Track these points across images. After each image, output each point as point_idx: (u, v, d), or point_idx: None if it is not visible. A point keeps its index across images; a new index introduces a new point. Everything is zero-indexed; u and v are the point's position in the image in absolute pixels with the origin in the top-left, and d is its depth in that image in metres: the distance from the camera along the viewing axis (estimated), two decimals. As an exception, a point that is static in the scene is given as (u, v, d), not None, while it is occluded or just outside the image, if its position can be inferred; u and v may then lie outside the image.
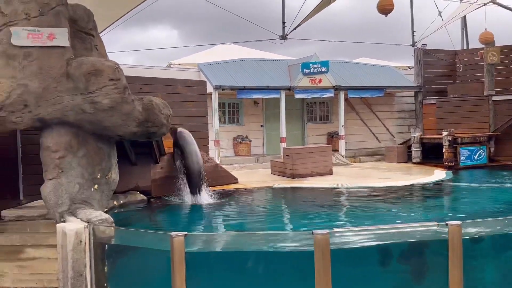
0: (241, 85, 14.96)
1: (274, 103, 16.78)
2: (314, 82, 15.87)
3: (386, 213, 8.30)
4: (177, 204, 9.53)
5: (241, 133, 16.70)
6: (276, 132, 16.52)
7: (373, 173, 13.58)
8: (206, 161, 11.22)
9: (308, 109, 18.15)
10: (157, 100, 7.40)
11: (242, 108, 16.89)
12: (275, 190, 11.12)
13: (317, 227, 6.93)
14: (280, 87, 15.49)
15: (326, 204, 9.39)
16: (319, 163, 13.11)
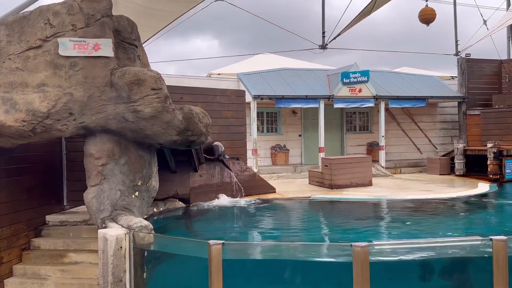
0: (280, 95, 14.96)
1: (312, 113, 16.67)
2: (354, 91, 15.69)
3: (427, 226, 8.07)
4: (216, 211, 9.58)
5: (279, 142, 16.68)
6: (314, 142, 16.41)
7: (414, 185, 13.26)
8: (244, 170, 11.25)
9: (347, 119, 17.94)
10: (197, 109, 7.47)
11: (280, 117, 16.87)
12: (313, 201, 11.00)
13: (356, 239, 6.80)
14: (319, 97, 15.40)
15: (366, 216, 9.21)
16: (359, 174, 12.91)
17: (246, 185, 11.17)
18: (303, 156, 17.09)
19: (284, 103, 15.06)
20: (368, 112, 18.12)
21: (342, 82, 15.53)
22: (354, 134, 17.90)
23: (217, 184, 10.64)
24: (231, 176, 10.89)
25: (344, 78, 15.51)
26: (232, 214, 9.38)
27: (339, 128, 17.80)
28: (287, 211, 9.97)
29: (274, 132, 16.83)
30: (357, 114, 18.07)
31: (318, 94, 15.46)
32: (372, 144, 17.65)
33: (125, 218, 6.43)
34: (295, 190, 12.32)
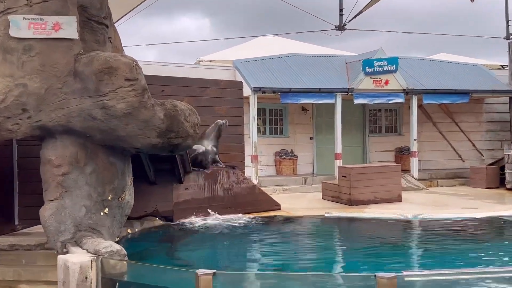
0: (286, 87, 14.96)
1: (327, 110, 16.68)
2: (379, 83, 15.70)
3: (470, 253, 8.03)
4: (206, 233, 9.57)
5: (285, 147, 16.68)
6: (329, 147, 16.41)
7: (454, 201, 13.22)
8: (241, 182, 11.26)
9: (371, 118, 17.94)
10: (183, 105, 7.47)
11: (287, 115, 16.89)
12: (328, 220, 10.97)
13: (381, 268, 6.77)
14: (335, 90, 15.40)
15: (393, 240, 9.19)
16: (385, 187, 12.90)
17: (244, 200, 11.15)
18: (315, 164, 17.09)
19: (291, 98, 15.07)
20: (396, 110, 18.10)
21: (364, 72, 15.54)
22: (379, 137, 17.89)
23: (208, 199, 10.64)
24: (225, 189, 10.90)
25: (367, 66, 15.53)
26: (225, 236, 9.35)
27: (361, 130, 17.80)
28: (294, 233, 9.94)
29: (279, 134, 16.84)
30: (383, 111, 18.06)
31: (334, 87, 15.45)
32: (401, 149, 17.64)
33: (91, 241, 6.42)
34: (305, 207, 12.29)
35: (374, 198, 12.71)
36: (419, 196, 14.20)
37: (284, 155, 16.48)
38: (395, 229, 10.17)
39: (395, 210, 11.82)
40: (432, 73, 17.40)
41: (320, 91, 15.27)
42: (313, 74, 16.00)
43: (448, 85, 16.77)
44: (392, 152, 17.84)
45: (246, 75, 15.09)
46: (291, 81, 15.35)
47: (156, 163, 9.40)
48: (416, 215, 11.11)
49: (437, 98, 16.52)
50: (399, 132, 18.12)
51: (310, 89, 15.20)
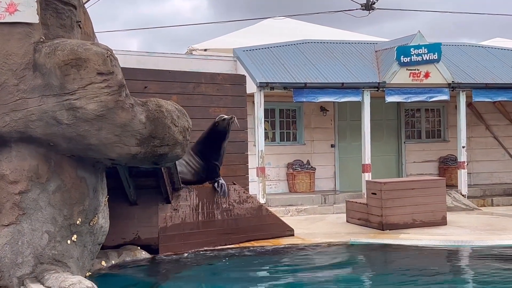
0: (301, 82, 14.97)
1: (352, 111, 16.68)
2: (418, 77, 15.69)
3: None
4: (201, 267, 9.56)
5: (300, 157, 16.68)
6: (355, 156, 16.39)
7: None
8: (244, 201, 11.24)
9: (407, 120, 17.92)
10: (170, 105, 7.48)
11: (302, 117, 16.89)
12: (354, 249, 10.93)
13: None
14: (362, 85, 15.40)
15: (440, 274, 9.15)
16: (426, 207, 12.85)
17: (248, 224, 11.14)
18: (337, 178, 17.06)
19: (307, 96, 15.06)
20: (440, 109, 18.10)
21: (398, 62, 15.54)
22: (418, 143, 17.88)
23: (202, 223, 10.62)
24: (224, 210, 10.90)
25: (402, 55, 15.53)
26: (225, 272, 9.34)
27: (395, 135, 17.79)
28: (312, 266, 9.88)
29: (292, 140, 16.84)
30: (422, 112, 18.04)
31: (360, 81, 15.45)
32: (446, 159, 17.62)
33: (55, 277, 6.41)
34: (324, 233, 12.26)
35: (412, 221, 12.65)
36: (470, 218, 14.13)
37: (298, 167, 16.46)
38: (440, 260, 10.09)
39: (440, 235, 11.77)
40: (484, 63, 17.39)
41: (343, 86, 15.26)
42: (334, 66, 16.00)
43: (505, 78, 16.74)
44: (435, 163, 17.83)
45: (250, 67, 15.11)
46: (306, 75, 15.34)
47: (137, 178, 9.37)
48: (466, 242, 11.05)
49: (491, 95, 16.47)
50: (444, 137, 18.10)
51: (331, 84, 15.19)
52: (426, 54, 15.61)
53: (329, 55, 16.54)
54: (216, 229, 10.78)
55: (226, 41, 19.39)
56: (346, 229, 12.76)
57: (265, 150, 14.92)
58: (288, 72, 15.34)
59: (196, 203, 10.62)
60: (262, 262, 9.90)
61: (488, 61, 17.54)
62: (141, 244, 9.94)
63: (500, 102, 17.36)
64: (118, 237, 9.65)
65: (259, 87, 14.62)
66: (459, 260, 10.26)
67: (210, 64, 15.13)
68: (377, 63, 16.31)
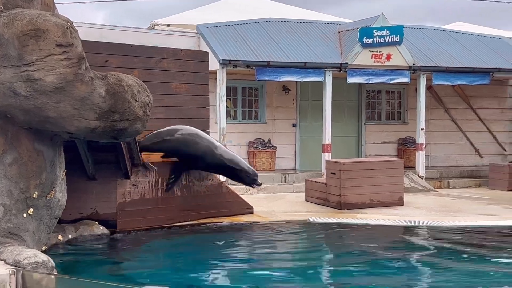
0: (264, 61, 14.95)
1: (314, 91, 16.74)
2: (380, 58, 15.78)
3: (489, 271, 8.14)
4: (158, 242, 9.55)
5: (262, 135, 16.70)
6: (316, 136, 16.47)
7: (469, 206, 13.39)
8: (205, 178, 11.26)
9: (368, 102, 18.06)
10: (131, 79, 7.44)
11: (264, 96, 16.89)
12: (312, 228, 11.02)
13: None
14: (324, 65, 15.45)
15: (392, 253, 9.28)
16: (383, 187, 13.00)
17: (207, 201, 11.17)
18: (298, 157, 17.14)
19: (270, 74, 15.05)
20: (400, 91, 18.26)
21: (361, 44, 15.61)
22: (378, 125, 18.04)
23: (162, 199, 10.61)
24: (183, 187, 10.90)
25: (365, 37, 15.59)
26: (183, 247, 9.36)
27: (356, 116, 17.92)
28: (269, 242, 9.96)
29: (254, 119, 16.85)
30: (383, 94, 18.19)
31: (323, 62, 15.50)
32: (405, 141, 17.81)
33: (10, 250, 6.38)
34: (284, 211, 12.33)
35: (370, 201, 12.80)
36: (426, 199, 14.33)
37: (259, 146, 16.48)
38: (394, 240, 10.25)
39: (396, 216, 11.93)
40: (445, 46, 17.55)
41: (306, 66, 15.29)
42: (298, 45, 16.01)
43: (465, 62, 16.94)
44: (394, 144, 18.02)
45: (213, 44, 15.04)
46: (269, 53, 15.34)
47: (97, 152, 9.32)
48: (421, 222, 11.22)
49: (450, 78, 16.66)
50: (403, 119, 18.29)
51: (294, 64, 15.21)
52: (389, 36, 15.69)
53: (293, 34, 16.53)
54: (176, 205, 10.78)
55: (189, 17, 19.24)
56: (305, 208, 12.84)
57: (227, 128, 14.92)
58: (251, 50, 15.31)
59: (155, 179, 10.60)
60: (220, 239, 9.94)
61: (449, 45, 17.71)
62: (99, 219, 9.88)
63: (459, 85, 17.56)
64: (75, 212, 9.59)
65: (222, 64, 14.58)
66: (414, 240, 10.38)
67: (172, 39, 15.01)
68: (340, 44, 16.35)
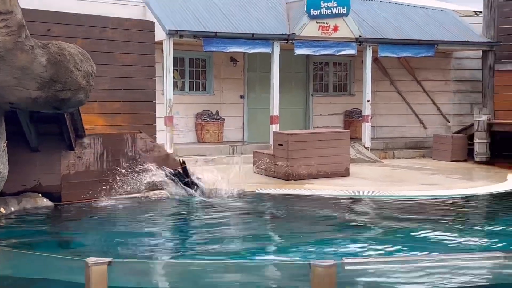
0: (211, 31, 14.82)
1: (262, 62, 16.70)
2: (327, 30, 15.81)
3: (429, 237, 8.37)
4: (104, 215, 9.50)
5: (209, 107, 16.63)
6: (263, 108, 16.47)
7: (413, 176, 13.69)
8: (151, 150, 11.20)
9: (315, 73, 18.11)
10: (73, 48, 7.35)
11: (212, 67, 16.80)
12: (259, 198, 11.10)
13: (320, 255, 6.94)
14: (272, 37, 15.41)
15: (336, 222, 9.42)
16: (330, 158, 13.14)
17: (155, 172, 11.15)
18: (246, 129, 17.14)
19: (217, 45, 14.96)
20: (347, 63, 18.36)
21: (308, 15, 15.58)
22: (325, 96, 18.11)
23: (107, 171, 10.54)
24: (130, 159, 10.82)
25: (312, 8, 15.57)
26: (128, 218, 9.33)
27: (303, 87, 17.95)
28: (216, 213, 10.01)
29: (202, 90, 16.75)
30: (330, 66, 18.26)
31: (271, 33, 15.45)
32: (352, 112, 17.95)
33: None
34: (232, 182, 12.37)
35: (316, 172, 12.94)
36: (371, 169, 14.56)
37: (207, 118, 16.42)
38: (339, 209, 10.37)
39: (342, 186, 12.10)
40: (391, 19, 17.64)
41: (254, 37, 15.22)
42: (245, 16, 15.90)
43: (410, 35, 17.09)
44: (340, 116, 18.13)
45: (159, 13, 14.83)
46: (217, 24, 15.20)
47: (39, 123, 9.21)
48: (366, 193, 11.40)
49: (396, 50, 16.80)
50: (350, 91, 18.41)
51: (241, 34, 15.12)
52: (336, 7, 15.71)
53: (241, 5, 16.38)
54: (122, 177, 10.71)
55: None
56: (253, 179, 12.92)
57: (174, 99, 14.77)
58: (198, 20, 15.15)
59: (101, 151, 10.52)
60: (167, 209, 9.95)
61: (395, 17, 17.78)
62: (42, 191, 9.82)
63: (405, 58, 17.73)
64: (18, 184, 9.49)
65: (168, 34, 14.39)
66: (358, 209, 10.54)
67: (118, 9, 14.68)
68: (288, 16, 16.29)
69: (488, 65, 17.75)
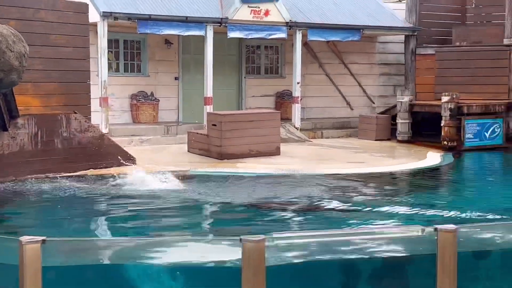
0: (145, 14, 14.59)
1: (196, 45, 16.58)
2: (258, 14, 15.79)
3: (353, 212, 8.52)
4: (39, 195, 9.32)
5: (144, 88, 16.42)
6: (198, 89, 16.39)
7: (340, 155, 13.88)
8: (86, 130, 11.03)
9: (248, 56, 18.08)
10: (5, 29, 7.16)
11: (146, 49, 16.57)
12: (193, 177, 11.06)
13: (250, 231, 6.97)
14: (205, 20, 15.28)
15: (268, 199, 9.46)
16: (262, 138, 13.20)
17: (90, 153, 11.02)
18: (180, 110, 17.01)
19: (151, 28, 14.76)
20: (278, 46, 18.37)
21: (241, 0, 15.54)
22: (257, 79, 18.12)
23: (42, 152, 10.32)
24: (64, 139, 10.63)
25: (244, -8, 15.55)
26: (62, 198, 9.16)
27: (236, 70, 17.90)
28: (151, 193, 9.90)
29: (137, 72, 16.51)
30: (262, 49, 18.24)
31: (204, 16, 15.32)
32: (283, 94, 18.01)
33: None
34: (166, 161, 12.33)
35: (249, 151, 12.97)
36: (301, 148, 14.70)
37: (142, 99, 16.22)
38: (271, 186, 10.45)
39: (273, 164, 12.18)
40: (320, 4, 17.71)
41: (188, 20, 15.07)
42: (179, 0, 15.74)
43: (338, 20, 17.23)
44: (272, 98, 18.16)
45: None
46: (151, 6, 14.97)
47: (-28, 104, 8.96)
48: (296, 171, 11.51)
49: (324, 35, 16.94)
50: (281, 74, 18.46)
51: (175, 17, 14.95)
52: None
53: (175, -12, 16.21)
54: (56, 157, 10.56)
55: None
56: (188, 158, 12.90)
57: (109, 80, 14.53)
58: (133, 2, 14.89)
59: (35, 131, 10.30)
60: (101, 189, 9.82)
61: (323, 3, 17.83)
62: (-25, 172, 9.58)
63: (333, 42, 17.87)
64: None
65: (103, 16, 14.09)
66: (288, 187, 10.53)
67: (52, -9, 14.37)
68: (221, 0, 16.19)
69: (410, 49, 18.11)
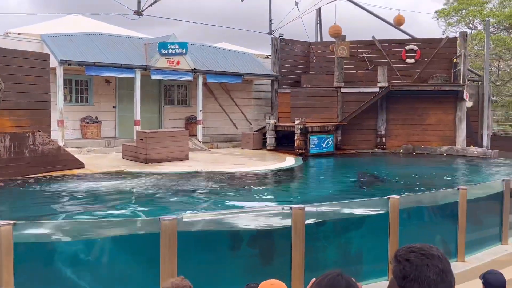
0: (91, 61, 14.10)
1: (128, 83, 16.19)
2: (172, 63, 15.65)
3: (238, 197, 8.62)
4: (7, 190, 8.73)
5: (91, 113, 15.82)
6: (130, 114, 15.97)
7: (229, 159, 13.97)
8: (47, 143, 10.48)
9: (165, 92, 17.87)
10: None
11: (92, 86, 15.97)
12: (125, 175, 10.79)
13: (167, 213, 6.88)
14: (135, 66, 14.97)
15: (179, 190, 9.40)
16: (175, 148, 13.08)
17: (50, 160, 10.50)
18: (117, 129, 16.53)
19: (95, 71, 14.27)
20: (186, 86, 18.29)
21: (160, 53, 15.33)
22: (172, 107, 17.93)
23: (14, 159, 9.69)
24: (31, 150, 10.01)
25: (162, 48, 15.34)
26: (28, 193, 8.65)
27: (157, 101, 17.64)
28: (94, 187, 9.57)
29: (85, 102, 15.88)
30: (175, 87, 18.10)
31: (134, 64, 15.01)
32: (190, 118, 17.92)
33: None
34: (106, 165, 11.96)
35: (166, 157, 12.82)
36: (203, 155, 14.68)
37: (89, 121, 15.61)
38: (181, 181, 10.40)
39: (183, 166, 12.12)
40: (215, 58, 17.83)
41: (122, 66, 14.70)
42: (116, 52, 15.30)
43: (227, 68, 17.39)
44: (183, 120, 18.01)
45: (53, 48, 13.85)
46: (95, 56, 14.49)
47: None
48: (199, 170, 11.52)
49: (218, 78, 17.04)
50: (189, 104, 18.35)
51: (113, 64, 14.53)
52: (178, 48, 15.59)
53: (112, 44, 15.73)
54: (25, 163, 9.97)
55: (36, 28, 17.36)
56: (122, 163, 12.58)
57: (64, 108, 13.88)
58: (82, 53, 14.32)
59: (9, 144, 9.69)
60: (59, 186, 9.37)
61: (217, 57, 17.97)
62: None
63: (224, 83, 18.00)
64: None
65: (60, 63, 13.48)
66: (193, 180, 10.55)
67: (22, 44, 13.54)
68: (146, 52, 15.91)
69: (274, 89, 18.55)
